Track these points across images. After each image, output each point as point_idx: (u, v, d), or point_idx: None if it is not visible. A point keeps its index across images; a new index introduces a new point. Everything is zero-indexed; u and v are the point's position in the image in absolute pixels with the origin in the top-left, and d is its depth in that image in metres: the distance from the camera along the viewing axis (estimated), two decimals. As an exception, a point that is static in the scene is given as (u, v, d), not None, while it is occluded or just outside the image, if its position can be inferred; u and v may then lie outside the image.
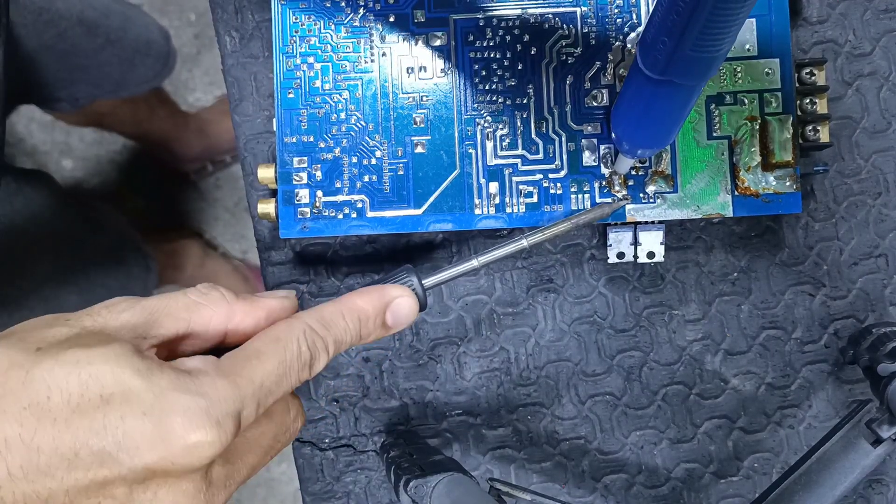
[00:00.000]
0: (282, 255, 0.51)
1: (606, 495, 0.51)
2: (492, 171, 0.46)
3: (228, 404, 0.32)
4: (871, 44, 0.50)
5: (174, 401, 0.31)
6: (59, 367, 0.30)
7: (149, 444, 0.30)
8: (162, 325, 0.34)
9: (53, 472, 0.30)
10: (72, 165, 1.34)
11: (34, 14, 0.76)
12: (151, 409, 0.30)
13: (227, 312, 0.36)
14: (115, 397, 0.30)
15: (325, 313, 0.37)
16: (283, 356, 0.34)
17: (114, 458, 0.30)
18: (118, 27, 0.87)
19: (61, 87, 0.87)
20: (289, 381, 0.34)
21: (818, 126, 0.46)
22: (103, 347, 0.31)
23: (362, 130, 0.46)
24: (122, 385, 0.30)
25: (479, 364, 0.51)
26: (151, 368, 0.31)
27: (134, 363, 0.31)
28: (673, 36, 0.34)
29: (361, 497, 0.52)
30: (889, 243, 0.51)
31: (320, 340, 0.36)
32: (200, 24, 1.34)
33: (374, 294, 0.38)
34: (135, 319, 0.34)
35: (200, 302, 0.35)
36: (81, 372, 0.30)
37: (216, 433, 0.31)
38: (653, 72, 0.36)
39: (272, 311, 0.37)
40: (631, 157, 0.44)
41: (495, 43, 0.46)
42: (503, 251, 0.41)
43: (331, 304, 0.37)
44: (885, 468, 0.51)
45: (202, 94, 1.35)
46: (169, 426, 0.30)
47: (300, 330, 0.35)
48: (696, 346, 0.51)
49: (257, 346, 0.34)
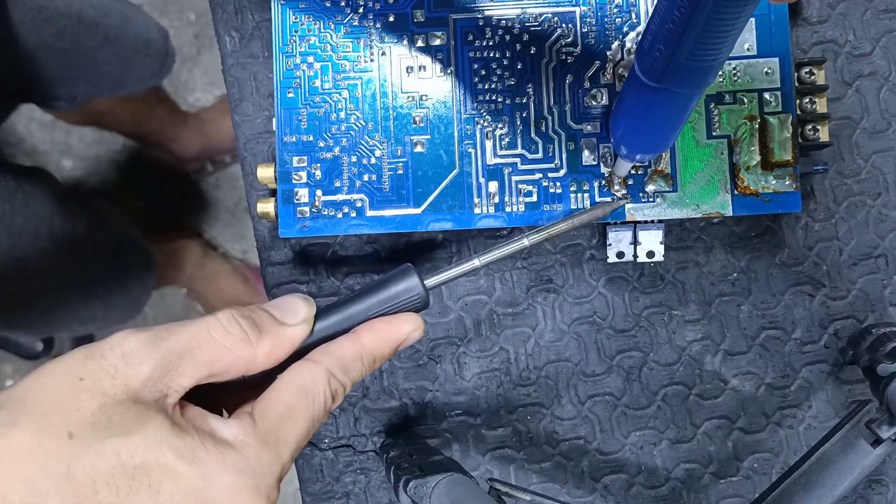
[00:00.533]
0: (281, 255, 0.51)
1: (606, 495, 0.51)
2: (491, 171, 0.46)
3: (274, 475, 0.32)
4: (871, 44, 0.50)
5: (224, 484, 0.31)
6: (101, 462, 0.30)
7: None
8: (183, 374, 0.33)
9: None
10: (72, 165, 1.34)
11: (33, 12, 0.76)
12: (203, 496, 0.31)
13: (249, 357, 0.34)
14: (164, 486, 0.30)
15: (346, 357, 0.36)
16: (313, 412, 0.34)
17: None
18: (117, 26, 0.87)
19: (60, 85, 0.87)
20: (314, 429, 0.35)
21: (818, 125, 0.46)
22: (141, 434, 0.30)
23: (362, 130, 0.46)
24: (169, 472, 0.30)
25: (479, 364, 0.51)
26: (195, 449, 0.31)
27: (175, 445, 0.31)
28: (669, 44, 0.34)
29: (361, 497, 0.51)
30: (889, 243, 0.50)
31: (341, 387, 0.36)
32: (200, 24, 1.34)
33: (391, 334, 0.38)
34: (157, 373, 0.32)
35: (224, 345, 0.34)
36: (126, 464, 0.30)
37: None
38: (650, 79, 0.36)
39: (294, 344, 0.36)
40: (629, 161, 0.44)
41: (495, 42, 0.46)
42: (504, 251, 0.41)
43: (349, 345, 0.37)
44: (884, 468, 0.51)
45: (202, 94, 1.35)
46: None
47: (325, 380, 0.35)
48: (696, 347, 0.51)
49: (288, 401, 0.34)
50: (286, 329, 0.36)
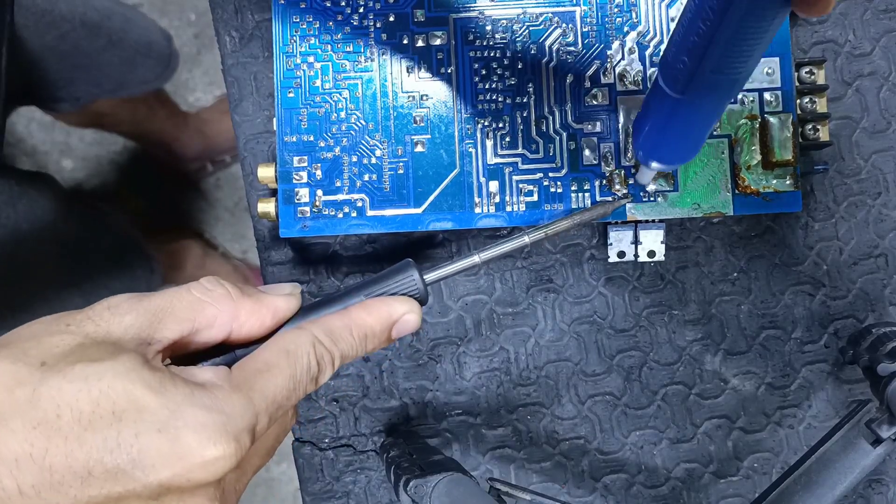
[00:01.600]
0: (281, 255, 0.51)
1: (606, 495, 0.51)
2: (492, 170, 0.46)
3: (244, 420, 0.31)
4: (871, 44, 0.50)
5: (190, 416, 0.30)
6: (67, 384, 0.30)
7: (164, 461, 0.30)
8: (167, 327, 0.34)
9: (66, 489, 0.29)
10: (72, 166, 1.34)
11: (37, 16, 0.76)
12: (166, 425, 0.30)
13: (231, 311, 0.35)
14: (127, 413, 0.30)
15: (334, 327, 0.36)
16: (293, 370, 0.34)
17: (128, 474, 0.30)
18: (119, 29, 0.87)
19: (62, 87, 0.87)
20: (297, 394, 0.34)
21: (818, 125, 0.46)
22: (112, 361, 0.30)
23: (362, 129, 0.46)
24: (135, 401, 0.30)
25: (479, 364, 0.51)
26: (164, 382, 0.31)
27: (145, 377, 0.31)
28: (693, 57, 0.33)
29: (361, 497, 0.51)
30: (889, 243, 0.51)
31: (328, 354, 0.36)
32: (200, 24, 1.34)
33: (383, 311, 0.38)
34: (139, 323, 0.33)
35: (205, 300, 0.35)
36: (91, 388, 0.30)
37: (233, 448, 0.31)
38: (673, 91, 0.36)
39: (278, 311, 0.36)
40: (653, 170, 0.43)
41: (495, 42, 0.46)
42: (505, 248, 0.41)
43: (338, 317, 0.37)
44: (884, 468, 0.51)
45: (202, 94, 1.35)
46: (185, 443, 0.30)
47: (310, 343, 0.35)
48: (696, 346, 0.51)
49: (268, 357, 0.34)
50: (269, 296, 0.36)
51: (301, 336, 0.35)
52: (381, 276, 0.39)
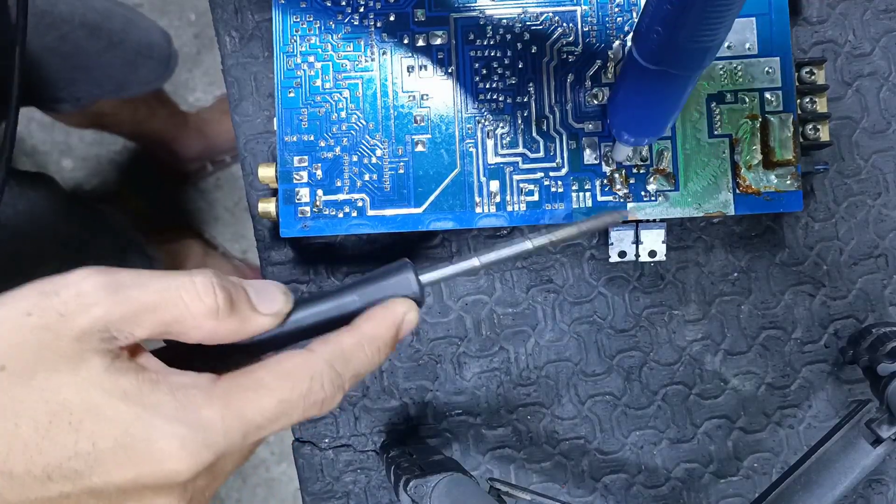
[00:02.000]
0: (281, 255, 0.51)
1: (606, 495, 0.51)
2: (492, 170, 0.46)
3: (210, 436, 0.30)
4: (871, 44, 0.50)
5: (150, 427, 0.30)
6: (26, 395, 0.29)
7: (120, 469, 0.30)
8: (139, 326, 0.31)
9: (27, 491, 0.29)
10: (72, 165, 1.34)
11: (37, 17, 0.76)
12: (124, 434, 0.29)
13: (209, 332, 0.33)
14: (84, 424, 0.29)
15: (346, 348, 0.34)
16: (287, 395, 0.32)
17: (86, 478, 0.30)
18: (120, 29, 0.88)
19: (63, 88, 0.87)
20: (289, 419, 0.32)
21: (818, 125, 0.46)
22: (71, 372, 0.30)
23: (363, 129, 0.46)
24: (93, 410, 0.30)
25: (479, 364, 0.51)
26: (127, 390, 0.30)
27: (106, 386, 0.30)
28: (667, 26, 0.33)
29: (361, 497, 0.51)
30: (889, 243, 0.51)
31: (338, 379, 0.34)
32: (200, 24, 1.34)
33: (388, 318, 0.36)
34: (109, 316, 0.31)
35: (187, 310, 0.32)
36: (49, 400, 0.29)
37: (191, 463, 0.30)
38: (647, 61, 0.36)
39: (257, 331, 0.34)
40: (627, 145, 0.43)
41: (496, 42, 0.46)
42: (506, 252, 0.39)
43: (348, 335, 0.35)
44: (884, 468, 0.51)
45: (202, 94, 1.35)
46: (142, 452, 0.30)
47: (317, 369, 0.33)
48: (696, 346, 0.51)
49: (262, 377, 0.32)
50: (257, 317, 0.34)
51: (308, 360, 0.33)
52: (377, 276, 0.38)
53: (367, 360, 0.35)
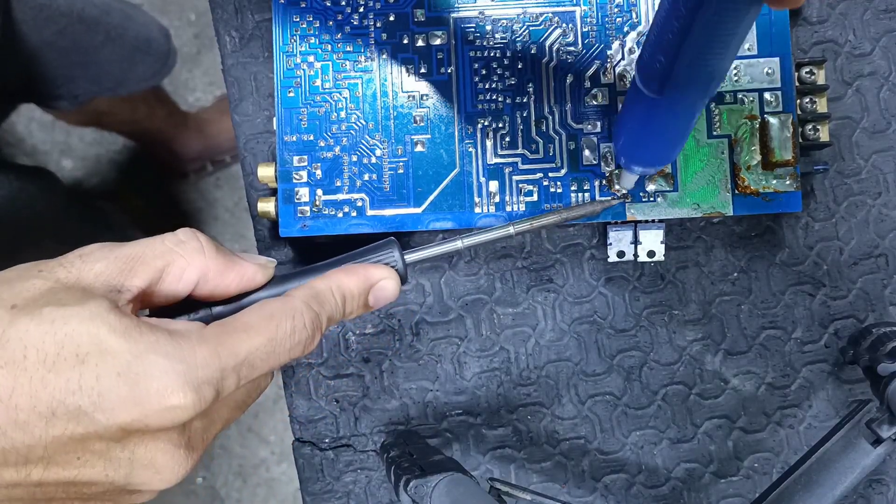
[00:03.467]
0: (281, 255, 0.51)
1: (606, 495, 0.51)
2: (492, 170, 0.46)
3: (207, 371, 0.32)
4: (871, 44, 0.50)
5: (152, 363, 0.31)
6: (34, 327, 0.30)
7: (123, 405, 0.30)
8: (137, 275, 0.34)
9: (31, 428, 0.30)
10: (72, 165, 1.34)
11: (34, 10, 0.76)
12: (128, 370, 0.30)
13: (201, 267, 0.35)
14: (90, 357, 0.30)
15: (318, 290, 0.37)
16: (273, 333, 0.34)
17: (90, 416, 0.30)
18: (118, 25, 0.87)
19: (61, 84, 0.87)
20: (277, 358, 0.34)
21: (818, 125, 0.46)
22: (79, 306, 0.31)
23: (362, 129, 0.46)
24: (99, 345, 0.30)
25: (479, 364, 0.51)
26: (130, 328, 0.31)
27: (111, 322, 0.31)
28: (669, 55, 0.33)
29: (361, 497, 0.51)
30: (889, 243, 0.51)
31: (316, 319, 0.36)
32: (200, 24, 1.34)
33: (361, 274, 0.38)
34: (109, 270, 0.33)
35: (176, 251, 0.35)
36: (57, 331, 0.30)
37: (193, 398, 0.31)
38: (651, 91, 0.36)
39: (245, 276, 0.37)
40: (634, 173, 0.44)
41: (495, 42, 0.46)
42: (488, 236, 0.41)
43: (320, 281, 0.37)
44: (885, 468, 0.51)
45: (202, 93, 1.35)
46: (144, 388, 0.30)
47: (297, 309, 0.35)
48: (696, 346, 0.51)
49: (248, 319, 0.34)
50: (241, 261, 0.37)
51: (287, 302, 0.35)
52: (363, 251, 0.39)
53: (336, 304, 0.37)
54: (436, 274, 0.51)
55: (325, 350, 0.51)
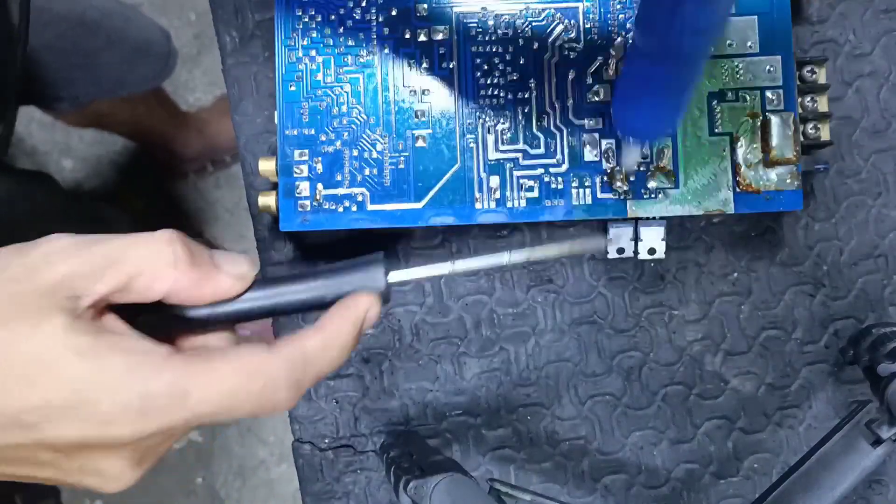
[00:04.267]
0: (282, 255, 0.51)
1: (606, 495, 0.51)
2: (493, 166, 0.46)
3: (160, 403, 0.31)
4: (871, 44, 0.50)
5: (103, 387, 0.30)
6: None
7: (70, 426, 0.30)
8: (101, 280, 0.32)
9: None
10: (72, 165, 1.34)
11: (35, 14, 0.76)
12: (79, 393, 0.30)
13: (171, 282, 0.33)
14: (39, 378, 0.30)
15: (309, 350, 0.34)
16: (237, 389, 0.32)
17: (38, 430, 0.30)
18: (119, 27, 0.88)
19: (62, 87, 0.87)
20: (234, 413, 0.32)
21: (819, 124, 0.47)
22: (33, 326, 0.30)
23: (363, 124, 0.46)
24: (49, 365, 0.30)
25: (479, 364, 0.51)
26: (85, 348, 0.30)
27: (67, 342, 0.30)
28: (666, 10, 0.33)
29: (361, 497, 0.51)
30: (889, 243, 0.51)
31: (297, 384, 0.33)
32: (200, 24, 1.34)
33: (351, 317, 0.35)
34: (74, 272, 0.32)
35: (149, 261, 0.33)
36: (9, 352, 0.30)
37: (139, 428, 0.30)
38: (650, 48, 0.36)
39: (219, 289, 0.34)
40: (637, 147, 0.43)
41: (497, 37, 0.46)
42: (482, 262, 0.38)
43: (313, 338, 0.34)
44: (885, 468, 0.51)
45: (202, 94, 1.35)
46: (93, 411, 0.30)
47: (273, 372, 0.33)
48: (696, 347, 0.51)
49: (218, 366, 0.32)
50: (219, 274, 0.34)
51: (268, 362, 0.33)
52: (347, 267, 0.37)
53: (330, 361, 0.34)
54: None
55: (325, 349, 0.51)
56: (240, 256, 0.35)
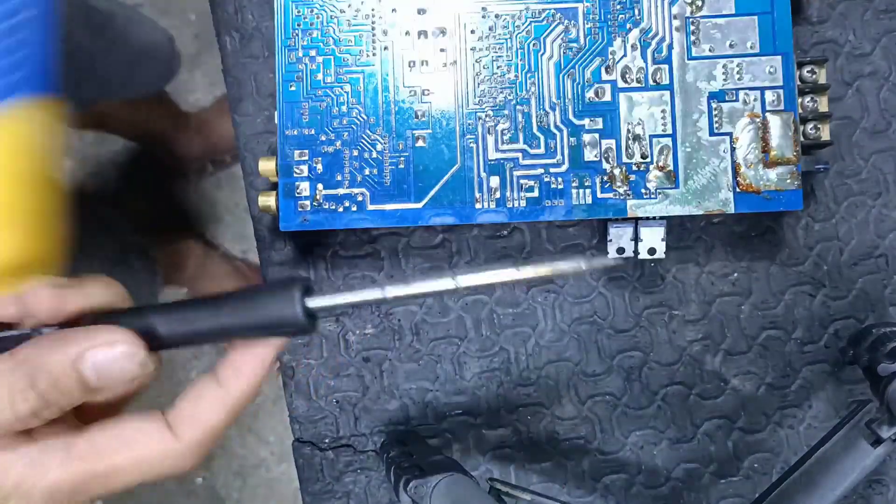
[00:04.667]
0: (282, 255, 0.51)
1: (606, 495, 0.51)
2: (493, 166, 0.46)
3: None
4: (871, 44, 0.50)
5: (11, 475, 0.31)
6: None
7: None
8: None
9: None
10: (72, 166, 1.34)
11: None
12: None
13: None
14: None
15: (214, 426, 0.32)
16: (138, 479, 0.32)
17: None
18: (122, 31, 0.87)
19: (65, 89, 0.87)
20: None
21: (819, 124, 0.46)
22: None
23: (363, 124, 0.46)
24: None
25: (479, 364, 0.51)
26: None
27: None
28: None
29: (361, 497, 0.51)
30: (889, 243, 0.51)
31: (199, 458, 0.33)
32: (200, 24, 1.34)
33: (254, 378, 0.33)
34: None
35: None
36: None
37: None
38: None
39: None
40: None
41: (497, 37, 0.46)
42: (421, 288, 0.32)
43: (217, 413, 0.32)
44: (884, 468, 0.51)
45: (202, 94, 1.35)
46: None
47: (181, 463, 0.32)
48: (696, 347, 0.51)
49: (119, 463, 0.32)
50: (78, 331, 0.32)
51: (172, 451, 0.32)
52: (261, 292, 0.32)
53: (231, 420, 0.33)
54: (436, 274, 0.50)
55: (325, 350, 0.51)
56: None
